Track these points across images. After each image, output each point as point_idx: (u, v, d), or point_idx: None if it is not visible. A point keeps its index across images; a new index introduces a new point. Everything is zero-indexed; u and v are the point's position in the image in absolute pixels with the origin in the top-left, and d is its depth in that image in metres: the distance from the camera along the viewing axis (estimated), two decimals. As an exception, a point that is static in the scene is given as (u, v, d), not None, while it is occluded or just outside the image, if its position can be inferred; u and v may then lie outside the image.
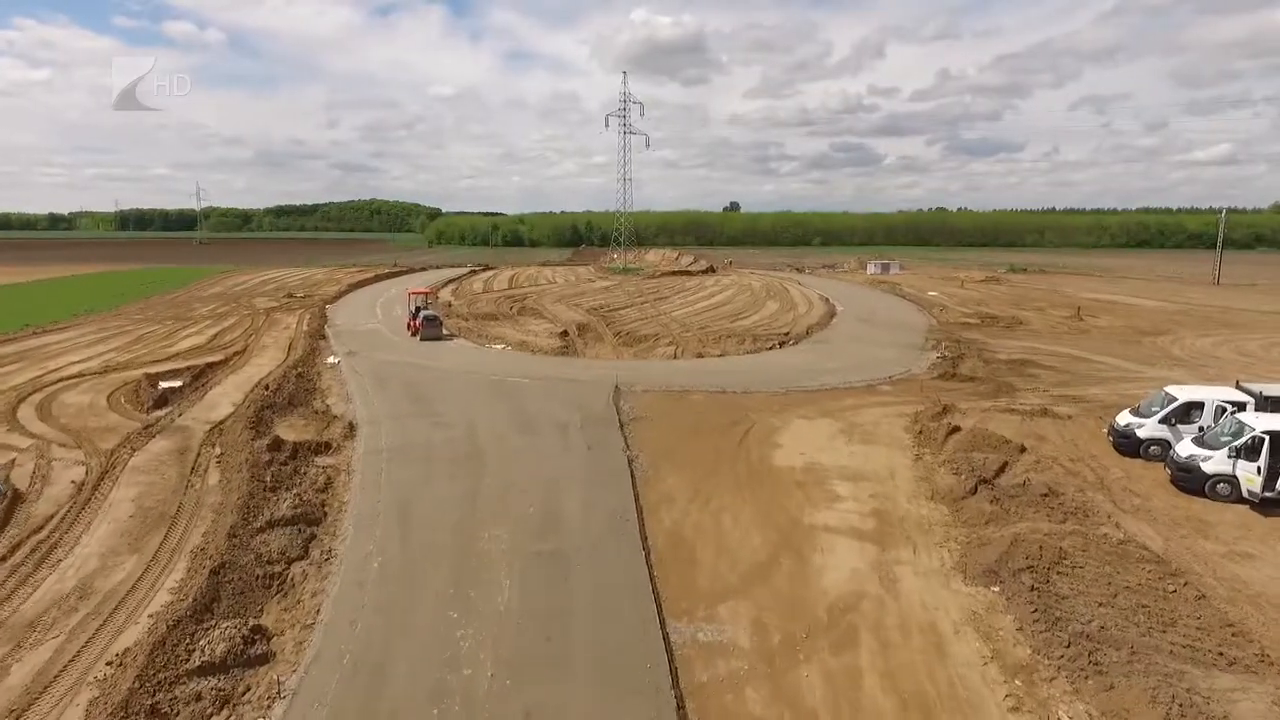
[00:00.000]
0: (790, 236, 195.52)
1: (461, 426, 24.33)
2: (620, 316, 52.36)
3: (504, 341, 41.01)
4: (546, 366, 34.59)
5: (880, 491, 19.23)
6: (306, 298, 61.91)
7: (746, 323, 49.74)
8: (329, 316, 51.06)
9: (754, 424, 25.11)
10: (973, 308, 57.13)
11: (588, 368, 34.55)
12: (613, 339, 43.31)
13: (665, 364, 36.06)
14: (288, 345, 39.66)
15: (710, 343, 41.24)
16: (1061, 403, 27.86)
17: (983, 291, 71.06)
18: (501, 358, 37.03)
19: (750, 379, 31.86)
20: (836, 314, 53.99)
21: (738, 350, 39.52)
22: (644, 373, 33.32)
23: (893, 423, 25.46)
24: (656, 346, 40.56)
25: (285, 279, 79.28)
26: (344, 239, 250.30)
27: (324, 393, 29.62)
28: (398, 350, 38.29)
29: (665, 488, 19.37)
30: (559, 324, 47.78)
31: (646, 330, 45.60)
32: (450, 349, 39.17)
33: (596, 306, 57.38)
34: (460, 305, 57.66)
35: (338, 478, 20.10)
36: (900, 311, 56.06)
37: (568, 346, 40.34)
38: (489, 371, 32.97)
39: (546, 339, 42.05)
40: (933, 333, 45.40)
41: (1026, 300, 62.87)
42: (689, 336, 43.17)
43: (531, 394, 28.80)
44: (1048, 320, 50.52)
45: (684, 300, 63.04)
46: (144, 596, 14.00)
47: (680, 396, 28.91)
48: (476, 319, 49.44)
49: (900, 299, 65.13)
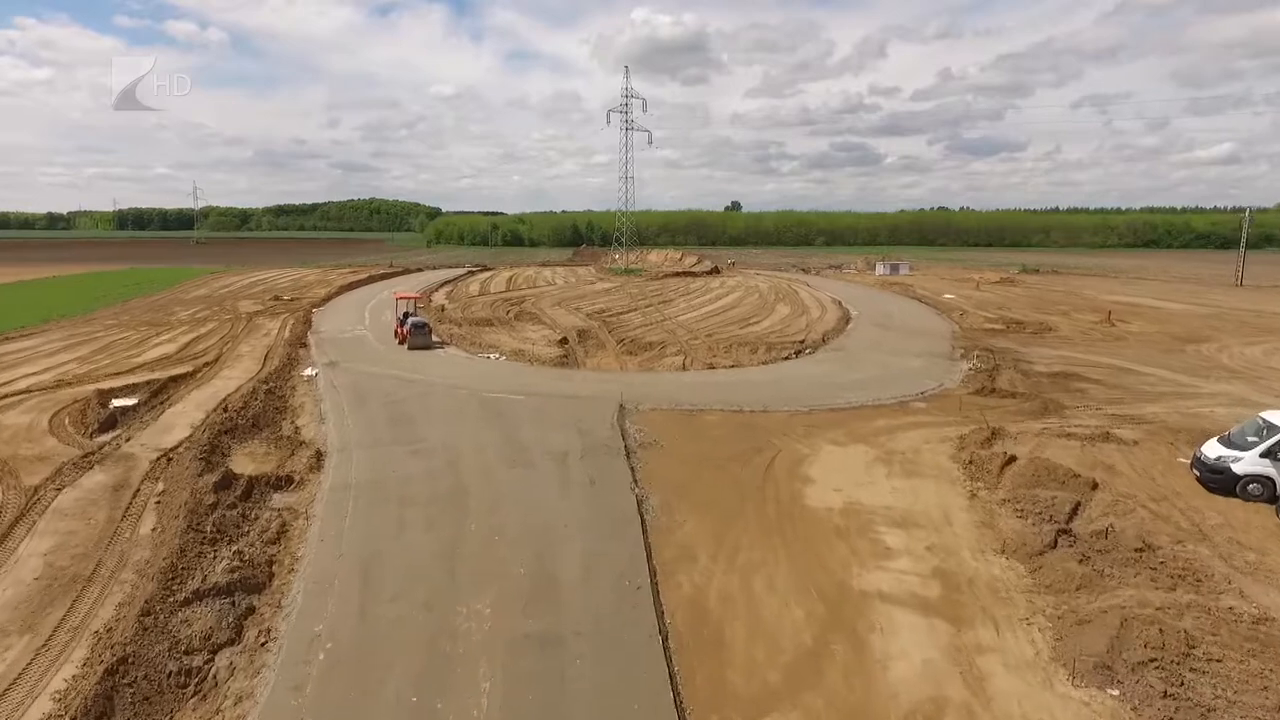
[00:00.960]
0: (793, 236, 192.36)
1: (444, 455, 21.14)
2: (623, 321, 49.18)
3: (499, 350, 37.81)
4: (544, 380, 31.40)
5: (938, 542, 16.05)
6: (294, 301, 58.71)
7: (757, 329, 46.55)
8: (314, 322, 47.87)
9: (779, 451, 21.93)
10: (994, 311, 53.95)
11: (589, 381, 31.36)
12: (615, 347, 40.14)
13: (673, 376, 32.86)
14: (264, 355, 36.47)
15: (720, 352, 38.05)
16: (1120, 424, 24.67)
17: (999, 294, 67.88)
18: (495, 369, 33.84)
19: (768, 395, 28.68)
20: (851, 319, 50.80)
21: (750, 360, 36.33)
22: (650, 387, 30.14)
23: (935, 449, 22.29)
24: (663, 356, 37.38)
25: (275, 281, 76.09)
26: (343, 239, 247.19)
27: (295, 411, 26.44)
28: (382, 361, 35.10)
29: (682, 537, 16.19)
30: (558, 330, 44.61)
31: (651, 337, 42.42)
32: (440, 359, 35.96)
33: (598, 310, 54.20)
34: (454, 309, 54.46)
35: (294, 523, 16.92)
36: (918, 316, 52.86)
37: (567, 356, 37.17)
38: (480, 386, 29.77)
39: (545, 347, 38.87)
40: (958, 340, 42.22)
41: (1047, 303, 59.70)
42: (697, 345, 39.99)
43: (526, 414, 25.60)
44: (1076, 325, 47.33)
45: (689, 304, 59.84)
46: (20, 703, 10.82)
47: (692, 416, 25.73)
48: (470, 325, 46.25)
49: (915, 302, 61.94)
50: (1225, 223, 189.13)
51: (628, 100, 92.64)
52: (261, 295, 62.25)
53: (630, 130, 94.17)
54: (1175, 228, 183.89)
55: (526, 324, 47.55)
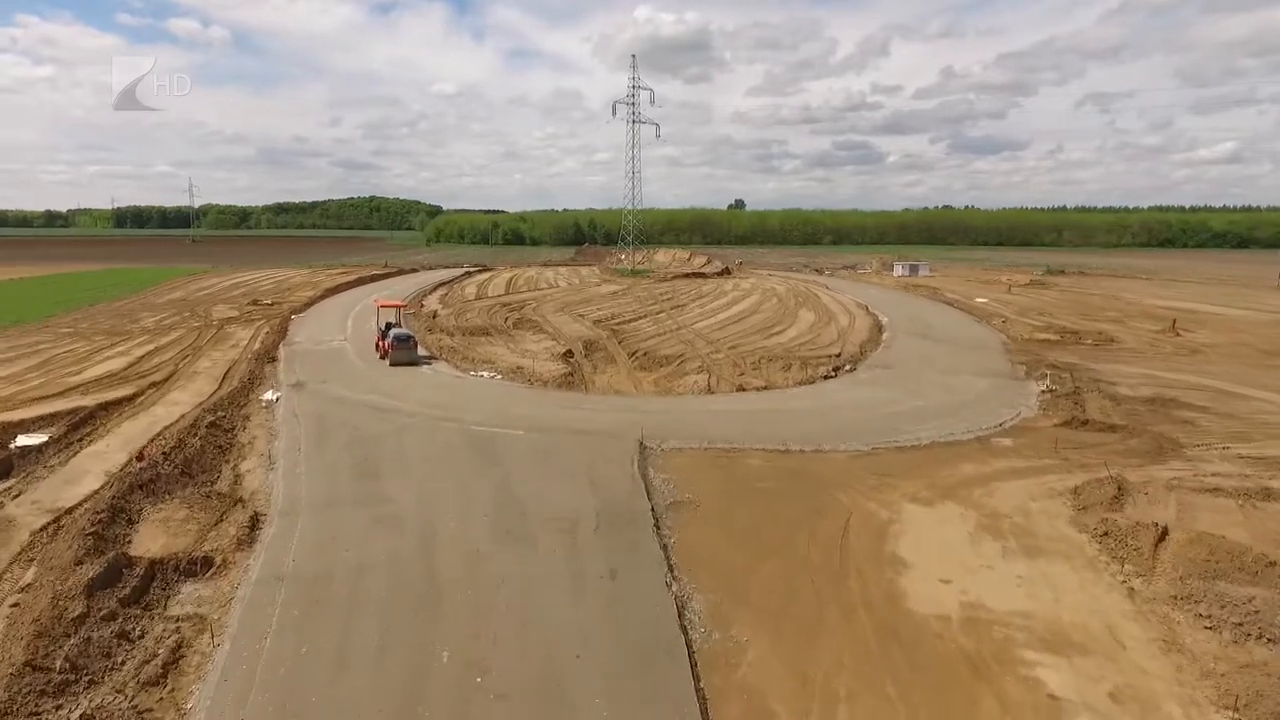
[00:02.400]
0: (799, 235, 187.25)
1: (417, 526, 16.06)
2: (633, 330, 44.09)
3: (494, 366, 32.73)
4: (546, 406, 26.32)
5: (1122, 683, 10.97)
6: (273, 306, 53.63)
7: (782, 339, 41.44)
8: (290, 330, 42.80)
9: (849, 514, 16.88)
10: (1038, 318, 48.86)
11: (600, 408, 26.26)
12: (627, 361, 35.07)
13: (698, 401, 27.76)
14: (224, 373, 31.43)
15: (748, 368, 32.98)
16: (1261, 468, 19.62)
17: (1034, 297, 62.75)
18: (489, 392, 28.74)
19: (815, 427, 23.62)
20: (884, 327, 45.68)
21: (784, 379, 31.25)
22: (673, 415, 25.08)
23: (1049, 509, 17.23)
24: (682, 373, 32.32)
25: (259, 283, 70.97)
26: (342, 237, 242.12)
27: (242, 451, 21.38)
28: (359, 381, 30.02)
29: (748, 674, 11.12)
30: (562, 341, 39.52)
31: (667, 349, 37.34)
32: (425, 378, 30.87)
33: (605, 317, 49.10)
34: (447, 315, 49.35)
35: (195, 641, 11.89)
36: (958, 324, 47.75)
37: (572, 373, 32.09)
38: (470, 416, 24.67)
39: (546, 362, 33.79)
40: (1012, 353, 37.13)
41: (1091, 309, 54.56)
42: (720, 359, 34.91)
43: (524, 457, 20.53)
44: (1137, 335, 42.23)
45: (703, 309, 54.70)
46: None
47: (729, 460, 20.66)
48: (464, 334, 41.15)
49: (948, 307, 56.81)
50: (1241, 221, 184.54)
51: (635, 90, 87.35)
52: (240, 299, 57.16)
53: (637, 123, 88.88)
54: (1190, 226, 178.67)
55: (526, 333, 42.46)
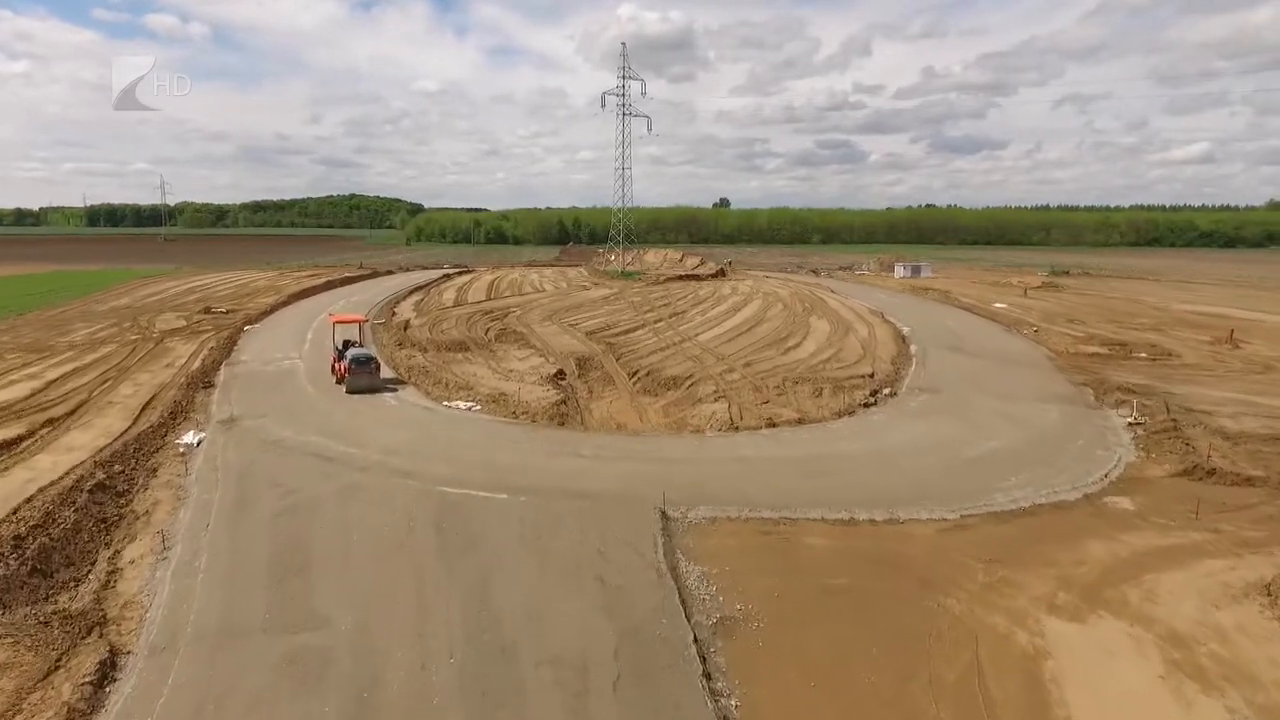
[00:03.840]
0: (787, 234, 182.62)
1: (348, 678, 10.65)
2: (631, 343, 38.79)
3: (472, 393, 27.28)
4: (535, 451, 20.94)
5: None
6: (228, 314, 47.69)
7: (801, 354, 36.33)
8: (239, 345, 37.03)
9: (975, 639, 11.74)
10: (1068, 325, 44.19)
11: (603, 453, 20.91)
12: (628, 384, 29.82)
13: (724, 443, 22.42)
14: (145, 403, 25.72)
15: (772, 393, 27.83)
16: None
17: (1053, 301, 58.24)
18: (464, 431, 23.26)
19: (879, 481, 18.52)
20: (908, 338, 40.75)
21: (818, 407, 26.09)
22: (696, 465, 19.85)
23: (1246, 623, 12.25)
24: (695, 399, 27.12)
25: (217, 286, 64.66)
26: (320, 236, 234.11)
27: (131, 529, 15.84)
28: (306, 414, 24.44)
29: None
30: (551, 358, 34.16)
31: (673, 368, 32.11)
32: (387, 411, 25.32)
33: (598, 327, 43.73)
34: (421, 326, 43.70)
35: None
36: (987, 334, 42.93)
37: (565, 400, 26.75)
38: (439, 468, 19.25)
39: (535, 386, 28.39)
40: (1065, 370, 32.32)
41: (1119, 314, 50.07)
42: (737, 380, 29.74)
43: (509, 541, 15.18)
44: (1191, 347, 37.63)
45: (704, 316, 49.49)
46: None
47: (783, 537, 15.49)
48: (439, 350, 35.61)
49: (966, 313, 52.09)
50: (1226, 221, 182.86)
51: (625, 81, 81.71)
52: (193, 306, 51.05)
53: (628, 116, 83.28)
54: (1177, 226, 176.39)
55: (511, 348, 36.98)
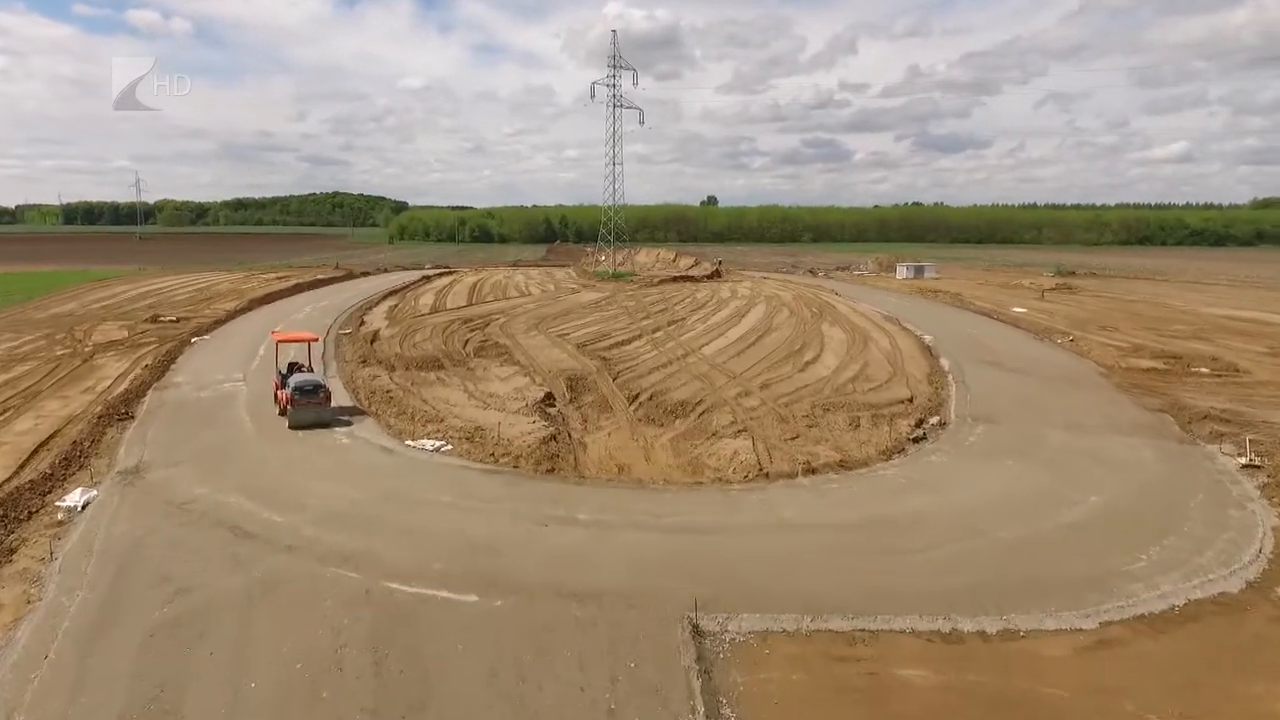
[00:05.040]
0: (777, 233, 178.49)
1: None
2: (629, 357, 34.12)
3: (442, 427, 22.47)
4: (518, 519, 16.16)
5: None
6: (178, 322, 42.53)
7: (822, 369, 31.81)
8: (180, 361, 31.97)
9: None
10: (1101, 333, 40.04)
11: (604, 520, 16.15)
12: (627, 409, 25.16)
13: (756, 502, 17.67)
14: (42, 442, 20.77)
15: (802, 425, 23.25)
16: None
17: (1074, 305, 54.20)
18: (427, 486, 18.37)
19: (968, 560, 14.00)
20: (935, 350, 36.36)
21: (858, 443, 21.52)
22: (726, 537, 15.20)
23: None
24: (708, 431, 22.50)
25: (176, 290, 59.15)
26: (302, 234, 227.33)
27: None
28: (232, 460, 19.52)
29: None
30: (538, 376, 29.43)
31: (679, 390, 27.48)
32: (335, 453, 20.41)
33: (590, 338, 39.00)
34: (392, 338, 38.72)
35: None
36: (1020, 344, 38.63)
37: (556, 435, 22.02)
38: (389, 551, 14.40)
39: (517, 418, 23.61)
40: (1126, 390, 28.03)
41: (1149, 320, 46.05)
42: (756, 408, 25.16)
43: (474, 682, 10.40)
44: (1253, 359, 33.52)
45: (706, 324, 44.88)
46: None
47: (863, 665, 10.91)
48: (409, 368, 30.76)
49: (985, 318, 47.90)
50: (1216, 219, 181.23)
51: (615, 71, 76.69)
52: (142, 313, 45.76)
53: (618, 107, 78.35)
54: (1167, 224, 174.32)
55: (492, 364, 32.15)
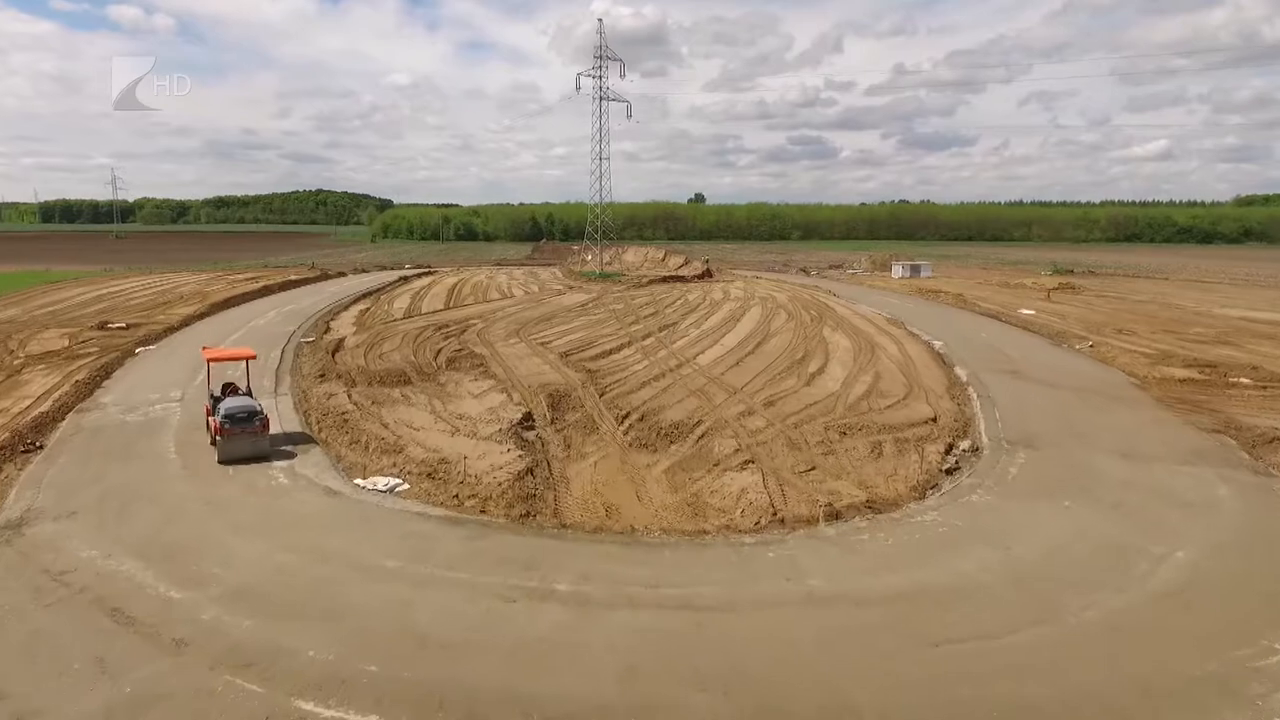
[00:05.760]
0: (766, 230, 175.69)
1: None
2: (617, 369, 30.90)
3: (401, 459, 19.16)
4: (478, 595, 12.78)
5: None
6: (126, 329, 38.87)
7: (829, 382, 28.72)
8: (116, 376, 28.42)
9: None
10: (1123, 338, 37.29)
11: (588, 592, 12.85)
12: (616, 431, 21.98)
13: (774, 560, 14.59)
14: (-86, 484, 17.27)
15: (816, 450, 20.15)
16: None
17: (1082, 306, 51.53)
18: (372, 545, 14.94)
19: (1049, 658, 10.90)
20: (947, 358, 33.47)
21: (883, 476, 18.46)
22: (740, 614, 12.04)
23: None
24: (713, 462, 19.36)
25: (135, 292, 55.21)
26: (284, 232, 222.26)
27: None
28: (136, 511, 16.05)
29: None
30: (516, 392, 26.15)
31: (674, 407, 24.29)
32: (267, 497, 16.98)
33: (575, 345, 35.74)
34: (357, 347, 35.25)
35: None
36: (1037, 351, 35.76)
37: (533, 470, 18.79)
38: (305, 650, 11.00)
39: (489, 446, 20.32)
40: (1167, 404, 25.17)
41: (1164, 321, 43.41)
42: (762, 428, 22.03)
43: None
44: None
45: (699, 329, 41.72)
46: None
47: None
48: (371, 383, 27.39)
49: (994, 321, 45.12)
50: (1203, 216, 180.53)
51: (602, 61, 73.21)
52: (90, 320, 42.00)
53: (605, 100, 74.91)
54: (1156, 221, 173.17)
55: (465, 378, 28.80)
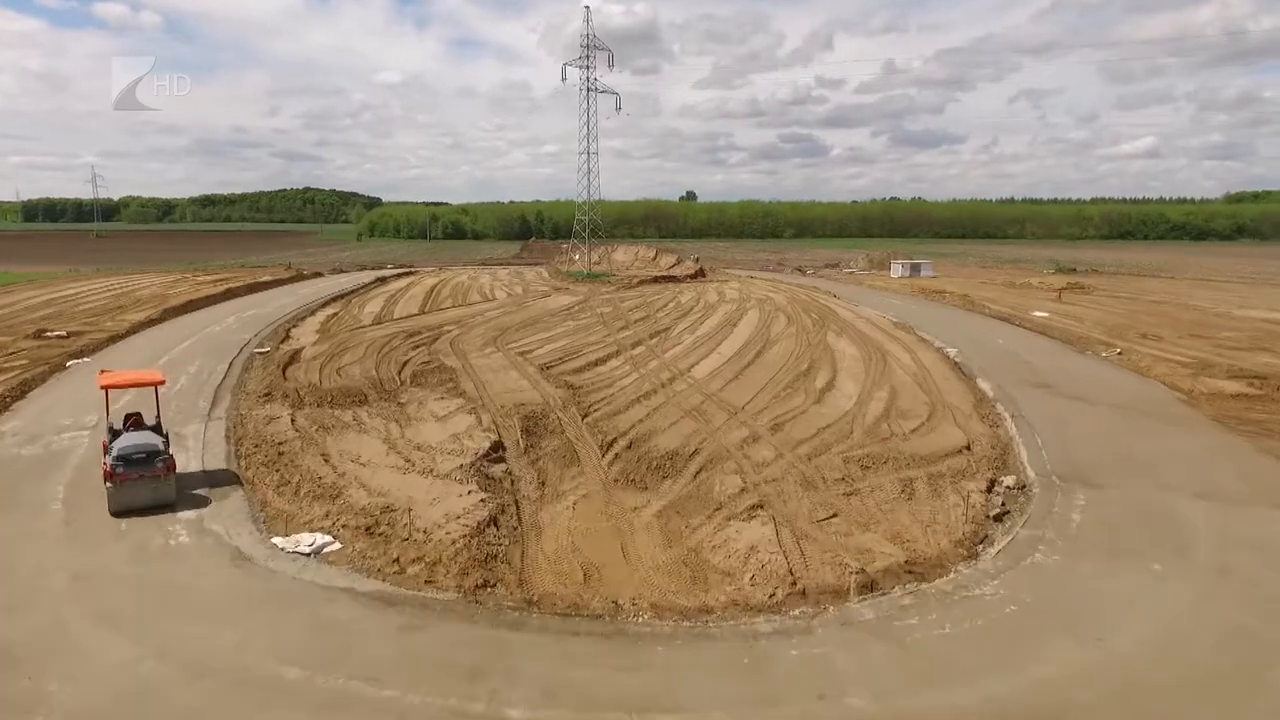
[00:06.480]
0: (758, 228, 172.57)
1: None
2: (603, 383, 27.52)
3: (336, 508, 15.72)
4: None
5: None
6: (69, 337, 35.19)
7: (841, 399, 25.44)
8: (32, 395, 24.79)
9: None
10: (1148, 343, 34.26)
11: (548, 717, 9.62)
12: (600, 463, 18.64)
13: (799, 661, 11.26)
14: None
15: (833, 489, 16.89)
16: None
17: (1096, 308, 48.56)
18: (274, 642, 11.35)
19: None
20: (965, 368, 30.32)
21: (916, 521, 15.22)
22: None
23: None
24: (714, 506, 16.08)
25: (87, 296, 51.26)
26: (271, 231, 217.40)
27: None
28: None
29: None
30: (487, 412, 22.74)
31: (667, 432, 20.97)
32: (154, 565, 13.40)
33: (558, 356, 32.32)
34: (313, 360, 31.65)
35: None
36: (1061, 359, 32.66)
37: (496, 519, 15.41)
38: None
39: (447, 488, 16.89)
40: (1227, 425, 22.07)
41: (1188, 324, 40.44)
42: (770, 462, 18.74)
43: None
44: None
45: (694, 335, 38.39)
46: None
47: None
48: (321, 403, 23.90)
49: (1006, 324, 42.06)
50: (1197, 213, 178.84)
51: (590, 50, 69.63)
52: (29, 327, 38.21)
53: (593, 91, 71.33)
54: (1150, 218, 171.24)
55: (431, 395, 25.30)
